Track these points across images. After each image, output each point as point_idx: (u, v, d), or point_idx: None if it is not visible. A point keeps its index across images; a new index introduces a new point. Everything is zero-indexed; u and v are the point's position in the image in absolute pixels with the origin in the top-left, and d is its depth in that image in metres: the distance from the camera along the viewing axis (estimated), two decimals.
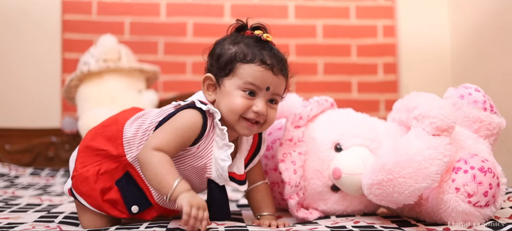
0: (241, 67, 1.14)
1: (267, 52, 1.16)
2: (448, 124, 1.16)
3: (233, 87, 1.15)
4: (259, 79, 1.14)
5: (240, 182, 1.24)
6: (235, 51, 1.16)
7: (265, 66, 1.14)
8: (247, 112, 1.15)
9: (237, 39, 1.18)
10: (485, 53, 2.49)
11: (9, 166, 2.38)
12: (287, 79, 1.23)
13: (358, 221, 1.27)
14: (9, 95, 2.76)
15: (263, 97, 1.16)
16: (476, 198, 1.14)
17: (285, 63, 1.21)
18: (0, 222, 1.26)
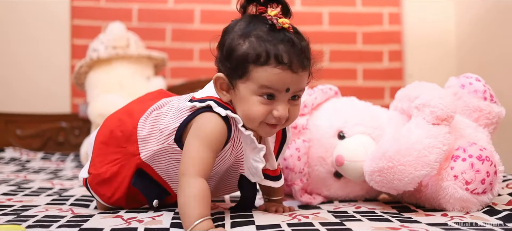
0: (255, 70, 0.99)
1: (284, 45, 0.99)
2: (448, 113, 1.19)
3: (249, 92, 1.02)
4: (276, 83, 0.99)
5: (274, 178, 1.18)
6: (246, 49, 0.99)
7: (282, 66, 0.98)
8: (268, 117, 1.03)
9: (247, 29, 1.01)
10: (490, 41, 2.51)
11: (20, 151, 2.43)
12: (309, 71, 1.08)
13: (359, 206, 1.31)
14: (19, 81, 2.81)
15: (283, 99, 1.02)
16: (473, 186, 1.18)
17: (307, 54, 1.04)
18: (14, 204, 1.32)
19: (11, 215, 1.15)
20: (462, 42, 2.86)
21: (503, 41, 2.37)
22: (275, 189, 1.21)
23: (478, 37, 2.67)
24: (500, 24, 2.39)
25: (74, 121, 2.59)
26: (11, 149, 2.42)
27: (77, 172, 2.10)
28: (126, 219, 1.13)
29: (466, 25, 2.81)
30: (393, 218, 1.14)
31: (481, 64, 2.62)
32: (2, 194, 1.49)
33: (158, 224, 1.06)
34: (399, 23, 3.01)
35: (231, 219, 1.11)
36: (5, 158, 2.30)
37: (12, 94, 2.79)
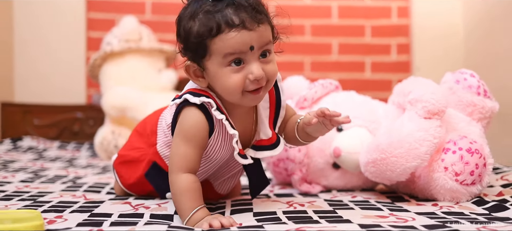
0: (213, 43, 0.97)
1: (231, 9, 0.97)
2: (439, 108, 1.25)
3: (217, 67, 1.00)
4: (237, 45, 0.97)
5: (270, 147, 1.14)
6: (198, 28, 0.98)
7: (236, 28, 0.96)
8: (246, 84, 1.00)
9: (194, 9, 0.99)
10: (497, 34, 2.53)
11: (37, 140, 2.53)
12: (269, 23, 1.03)
13: (355, 196, 1.38)
14: (37, 73, 2.91)
15: (253, 59, 0.99)
16: (462, 177, 1.24)
17: (258, 8, 1.00)
18: (31, 190, 1.41)
19: (28, 201, 1.24)
20: (470, 35, 2.89)
21: (511, 34, 2.39)
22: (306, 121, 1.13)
23: (485, 30, 2.69)
24: (507, 17, 2.41)
25: (89, 111, 2.68)
26: (29, 138, 2.52)
27: (91, 161, 2.20)
28: (134, 205, 1.22)
29: (474, 18, 2.84)
30: (384, 207, 1.20)
31: (489, 57, 2.64)
32: (20, 181, 1.59)
33: (163, 211, 1.14)
34: (407, 16, 3.05)
35: (231, 207, 1.18)
36: (23, 146, 2.40)
37: (30, 85, 2.90)
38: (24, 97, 2.86)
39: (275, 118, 1.17)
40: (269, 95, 1.15)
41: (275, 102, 1.16)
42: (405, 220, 1.04)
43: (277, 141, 1.15)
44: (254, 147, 1.14)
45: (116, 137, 2.25)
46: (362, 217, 1.06)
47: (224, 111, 1.06)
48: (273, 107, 1.16)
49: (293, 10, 3.01)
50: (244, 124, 1.12)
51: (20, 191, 1.40)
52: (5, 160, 2.06)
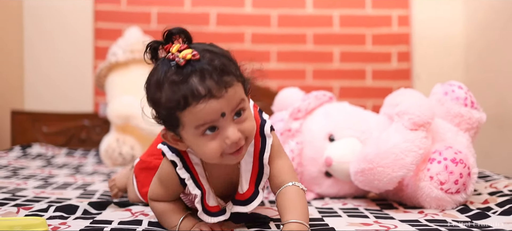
0: (183, 116, 0.93)
1: (196, 78, 0.90)
2: (425, 120, 1.31)
3: (191, 136, 0.96)
4: (207, 116, 0.92)
5: (244, 202, 1.09)
6: (166, 101, 0.93)
7: (203, 99, 0.90)
8: (224, 149, 0.96)
9: (159, 78, 0.94)
10: (498, 43, 2.57)
11: (46, 147, 2.61)
12: (238, 79, 0.97)
13: (346, 203, 1.44)
14: (46, 82, 2.99)
15: (227, 123, 0.94)
16: (447, 186, 1.29)
17: (226, 70, 0.93)
18: (50, 196, 1.49)
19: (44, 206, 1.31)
20: (470, 44, 2.93)
21: (510, 43, 2.42)
22: (287, 209, 1.02)
23: (486, 39, 2.73)
24: (508, 26, 2.45)
25: (96, 119, 2.76)
26: (37, 145, 2.60)
27: (98, 167, 2.28)
28: (134, 212, 1.29)
29: (474, 27, 2.88)
30: (371, 214, 1.26)
31: (489, 66, 2.68)
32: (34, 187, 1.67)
33: None
34: (408, 25, 3.10)
35: None
36: (32, 153, 2.48)
37: (39, 94, 2.98)
38: (33, 105, 2.95)
39: (259, 175, 1.09)
40: (254, 152, 1.08)
41: (259, 159, 1.08)
42: (387, 228, 1.10)
43: (252, 196, 1.08)
44: (233, 200, 1.10)
45: (120, 145, 2.33)
46: (347, 224, 1.13)
47: (192, 169, 1.05)
48: (256, 163, 1.08)
49: (295, 19, 3.08)
50: (229, 177, 1.09)
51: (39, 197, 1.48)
52: (15, 167, 2.14)
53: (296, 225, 0.97)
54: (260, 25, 3.09)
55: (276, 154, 1.09)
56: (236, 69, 0.97)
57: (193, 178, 1.05)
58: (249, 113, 0.99)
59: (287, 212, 1.01)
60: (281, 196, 1.05)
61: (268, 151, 1.07)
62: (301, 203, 1.03)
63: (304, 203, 1.03)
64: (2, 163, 2.17)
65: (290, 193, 1.04)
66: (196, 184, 1.05)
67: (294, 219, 0.98)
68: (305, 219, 1.00)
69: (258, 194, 1.09)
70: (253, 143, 1.07)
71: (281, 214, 1.02)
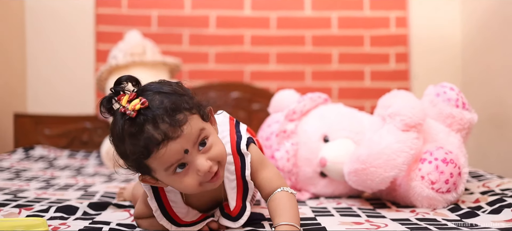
0: (149, 163, 0.96)
1: (149, 126, 0.92)
2: (416, 121, 1.34)
3: (164, 177, 0.98)
4: (170, 158, 0.94)
5: (233, 218, 1.12)
6: (129, 152, 0.95)
7: (162, 144, 0.92)
8: (200, 179, 0.98)
9: (119, 131, 0.95)
10: (495, 44, 2.59)
11: (48, 149, 2.65)
12: (193, 112, 0.98)
13: (340, 203, 1.47)
14: (48, 85, 3.04)
15: (193, 156, 0.97)
16: (438, 185, 1.32)
17: (176, 105, 0.94)
18: (50, 197, 1.52)
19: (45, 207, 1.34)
20: (467, 45, 2.96)
21: (508, 44, 2.45)
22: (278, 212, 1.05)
23: (483, 40, 2.76)
24: (505, 28, 2.47)
25: (97, 122, 2.80)
26: (40, 147, 2.64)
27: (98, 169, 2.31)
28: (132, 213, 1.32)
29: (471, 28, 2.91)
30: (363, 213, 1.29)
31: (485, 66, 2.71)
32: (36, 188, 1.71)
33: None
34: (406, 26, 3.13)
35: None
36: (35, 155, 2.52)
37: (41, 97, 3.03)
38: (35, 108, 3.00)
39: (245, 191, 1.12)
40: (235, 171, 1.10)
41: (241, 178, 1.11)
42: (378, 226, 1.13)
43: (240, 213, 1.12)
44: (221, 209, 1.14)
45: None
46: (339, 223, 1.16)
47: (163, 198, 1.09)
48: (240, 180, 1.11)
49: (294, 21, 3.12)
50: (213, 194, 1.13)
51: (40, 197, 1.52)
52: (17, 169, 2.18)
53: (286, 226, 1.00)
54: (259, 27, 3.12)
55: (259, 166, 1.12)
56: (188, 101, 0.98)
57: (163, 208, 1.09)
58: (213, 138, 1.01)
59: (278, 216, 1.04)
60: (271, 203, 1.08)
61: (249, 169, 1.10)
62: (291, 206, 1.06)
63: (293, 206, 1.06)
64: (5, 165, 2.21)
65: (279, 199, 1.07)
66: (165, 214, 1.09)
67: (285, 222, 1.01)
68: (296, 220, 1.02)
69: (246, 209, 1.11)
70: (232, 161, 1.10)
71: (272, 218, 1.05)
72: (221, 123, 1.15)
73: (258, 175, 1.11)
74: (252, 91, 2.92)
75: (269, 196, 1.09)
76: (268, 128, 1.67)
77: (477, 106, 2.64)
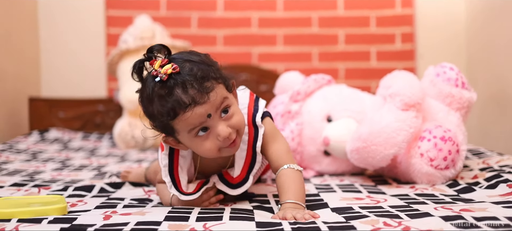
0: (175, 124, 1.04)
1: (179, 89, 1.00)
2: (415, 101, 1.39)
3: (187, 139, 1.07)
4: (195, 120, 1.02)
5: (232, 185, 1.18)
6: (157, 113, 1.04)
7: (189, 107, 1.01)
8: (219, 144, 1.06)
9: (149, 93, 1.04)
10: (499, 23, 2.61)
11: (63, 131, 2.73)
12: (220, 81, 1.06)
13: (343, 180, 1.54)
14: (61, 69, 3.11)
15: (215, 122, 1.05)
16: (436, 162, 1.38)
17: (206, 77, 1.02)
18: (66, 178, 1.60)
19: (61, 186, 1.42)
20: (471, 24, 2.98)
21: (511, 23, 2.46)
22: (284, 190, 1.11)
23: (487, 19, 2.78)
24: (509, 6, 2.49)
25: (110, 104, 2.87)
26: (55, 130, 2.72)
27: (111, 150, 2.39)
28: (147, 190, 1.40)
29: (476, 7, 2.93)
30: (365, 190, 1.36)
31: (490, 45, 2.73)
32: (53, 169, 1.78)
33: None
34: (411, 6, 3.15)
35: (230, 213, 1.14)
36: (50, 138, 2.60)
37: (55, 81, 3.10)
38: (50, 92, 3.08)
39: (252, 163, 1.18)
40: (248, 141, 1.17)
41: (252, 147, 1.17)
42: (377, 201, 1.19)
43: (242, 182, 1.18)
44: (220, 176, 1.20)
45: (132, 129, 2.44)
46: (341, 199, 1.22)
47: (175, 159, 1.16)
48: (250, 151, 1.18)
49: (300, 3, 3.15)
50: (222, 163, 1.21)
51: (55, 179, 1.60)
52: (34, 151, 2.26)
53: (291, 204, 1.07)
54: (266, 9, 3.16)
55: (271, 139, 1.18)
56: (216, 72, 1.06)
57: (171, 167, 1.16)
58: (235, 108, 1.09)
59: (284, 193, 1.10)
60: (278, 178, 1.14)
61: (260, 140, 1.17)
62: (296, 183, 1.11)
63: (299, 183, 1.12)
64: (21, 147, 2.29)
65: (286, 176, 1.13)
66: (170, 173, 1.16)
67: (290, 199, 1.08)
68: (300, 198, 1.09)
69: (248, 181, 1.18)
70: (247, 132, 1.17)
71: (279, 195, 1.12)
72: (242, 97, 1.22)
73: (268, 148, 1.18)
74: (260, 73, 2.97)
75: (277, 171, 1.15)
76: (273, 109, 1.73)
77: (481, 84, 2.70)
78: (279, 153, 1.17)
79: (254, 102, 1.22)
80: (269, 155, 1.18)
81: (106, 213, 1.05)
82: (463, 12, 3.06)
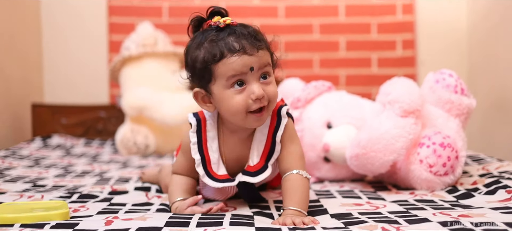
0: (216, 68, 1.07)
1: (232, 37, 1.07)
2: (414, 108, 1.40)
3: (221, 89, 1.09)
4: (238, 67, 1.06)
5: (253, 173, 1.19)
6: (203, 55, 1.08)
7: (237, 53, 1.06)
8: (249, 105, 1.09)
9: (200, 40, 1.11)
10: (500, 30, 2.62)
11: (65, 137, 2.75)
12: (267, 48, 1.13)
13: (343, 186, 1.55)
14: (64, 76, 3.13)
15: (253, 79, 1.08)
16: (436, 168, 1.39)
17: (257, 35, 1.10)
18: (68, 184, 1.62)
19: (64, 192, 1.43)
20: (473, 31, 2.99)
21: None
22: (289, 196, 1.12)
23: (488, 26, 2.79)
24: (509, 13, 2.50)
25: (112, 111, 2.88)
26: (57, 136, 2.74)
27: (113, 156, 2.41)
28: (150, 196, 1.41)
29: (477, 14, 2.94)
30: (365, 195, 1.37)
31: (491, 52, 2.74)
32: (55, 176, 1.80)
33: None
34: (412, 13, 3.17)
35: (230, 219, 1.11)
36: (52, 144, 2.61)
37: (58, 88, 3.12)
38: (52, 98, 3.10)
39: (271, 152, 1.19)
40: (269, 130, 1.19)
41: (272, 137, 1.19)
42: (377, 207, 1.20)
43: (261, 170, 1.19)
44: (243, 172, 1.20)
45: (134, 135, 2.46)
46: (340, 205, 1.23)
47: (203, 137, 1.20)
48: (270, 140, 1.19)
49: (302, 9, 3.17)
50: (241, 151, 1.21)
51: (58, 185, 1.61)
52: (36, 157, 2.28)
53: (293, 211, 1.08)
54: (268, 16, 3.18)
55: (290, 138, 1.20)
56: (266, 42, 1.14)
57: (200, 144, 1.19)
58: (273, 80, 1.14)
59: (288, 199, 1.11)
60: (285, 182, 1.15)
61: (282, 130, 1.19)
62: (302, 191, 1.13)
63: (304, 191, 1.13)
64: (24, 153, 2.31)
65: (293, 181, 1.14)
66: (200, 151, 1.19)
67: (293, 207, 1.09)
68: (303, 206, 1.10)
69: (267, 169, 1.19)
70: (269, 120, 1.19)
71: (283, 199, 1.13)
72: None
73: (285, 146, 1.19)
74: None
75: (285, 173, 1.16)
76: None
77: (483, 91, 2.71)
78: (292, 156, 1.18)
79: (282, 103, 1.24)
80: (283, 155, 1.19)
81: (108, 218, 1.07)
82: (464, 19, 3.08)
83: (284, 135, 1.19)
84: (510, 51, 2.50)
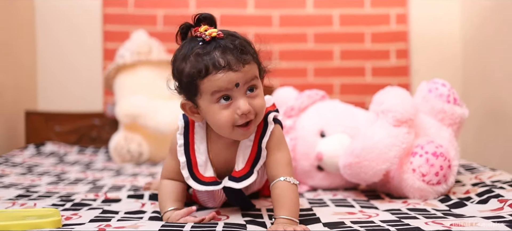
0: (202, 84, 1.06)
1: (218, 52, 1.05)
2: (408, 117, 1.41)
3: (207, 104, 1.09)
4: (223, 84, 1.05)
5: (237, 179, 1.19)
6: (188, 70, 1.07)
7: (222, 69, 1.04)
8: (235, 119, 1.09)
9: (186, 52, 1.09)
10: (494, 40, 2.63)
11: (59, 145, 2.74)
12: (254, 60, 1.11)
13: (336, 194, 1.55)
14: (58, 83, 3.12)
15: (239, 95, 1.08)
16: (428, 177, 1.40)
17: (244, 48, 1.08)
18: (60, 191, 1.61)
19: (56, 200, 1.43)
20: (467, 41, 3.01)
21: (507, 41, 2.49)
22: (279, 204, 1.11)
23: (482, 37, 2.81)
24: (504, 25, 2.51)
25: (106, 118, 2.88)
26: (50, 144, 2.73)
27: (107, 164, 2.40)
28: (143, 203, 1.40)
29: (471, 25, 2.96)
30: (358, 204, 1.37)
31: (486, 63, 2.76)
32: (48, 183, 1.79)
33: None
34: (406, 23, 3.19)
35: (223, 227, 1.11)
36: (45, 151, 2.61)
37: (52, 95, 3.12)
38: (46, 106, 3.09)
39: (257, 158, 1.19)
40: (255, 136, 1.18)
41: (258, 143, 1.18)
42: (369, 215, 1.21)
43: (246, 175, 1.19)
44: (229, 177, 1.20)
45: (128, 143, 2.45)
46: (333, 213, 1.23)
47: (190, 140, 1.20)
48: (256, 147, 1.19)
49: (296, 19, 3.19)
50: (228, 156, 1.21)
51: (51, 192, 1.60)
52: (29, 164, 2.27)
53: (284, 220, 1.07)
54: (262, 25, 3.19)
55: (277, 145, 1.18)
56: (254, 53, 1.12)
57: (186, 146, 1.20)
58: (260, 92, 1.12)
59: (278, 208, 1.10)
60: (274, 190, 1.14)
61: (267, 136, 1.18)
62: (291, 198, 1.12)
63: (294, 198, 1.12)
64: (17, 161, 2.30)
65: (281, 189, 1.13)
66: (186, 153, 1.19)
67: (284, 215, 1.08)
68: (294, 214, 1.09)
69: (252, 175, 1.19)
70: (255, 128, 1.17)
71: (274, 208, 1.12)
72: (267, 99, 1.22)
73: (272, 153, 1.18)
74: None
75: (273, 181, 1.15)
76: None
77: (477, 100, 2.72)
78: (280, 162, 1.17)
79: (275, 108, 1.24)
80: (270, 162, 1.18)
81: (100, 226, 1.06)
82: (458, 29, 3.10)
83: (270, 141, 1.18)
84: (504, 61, 2.52)
